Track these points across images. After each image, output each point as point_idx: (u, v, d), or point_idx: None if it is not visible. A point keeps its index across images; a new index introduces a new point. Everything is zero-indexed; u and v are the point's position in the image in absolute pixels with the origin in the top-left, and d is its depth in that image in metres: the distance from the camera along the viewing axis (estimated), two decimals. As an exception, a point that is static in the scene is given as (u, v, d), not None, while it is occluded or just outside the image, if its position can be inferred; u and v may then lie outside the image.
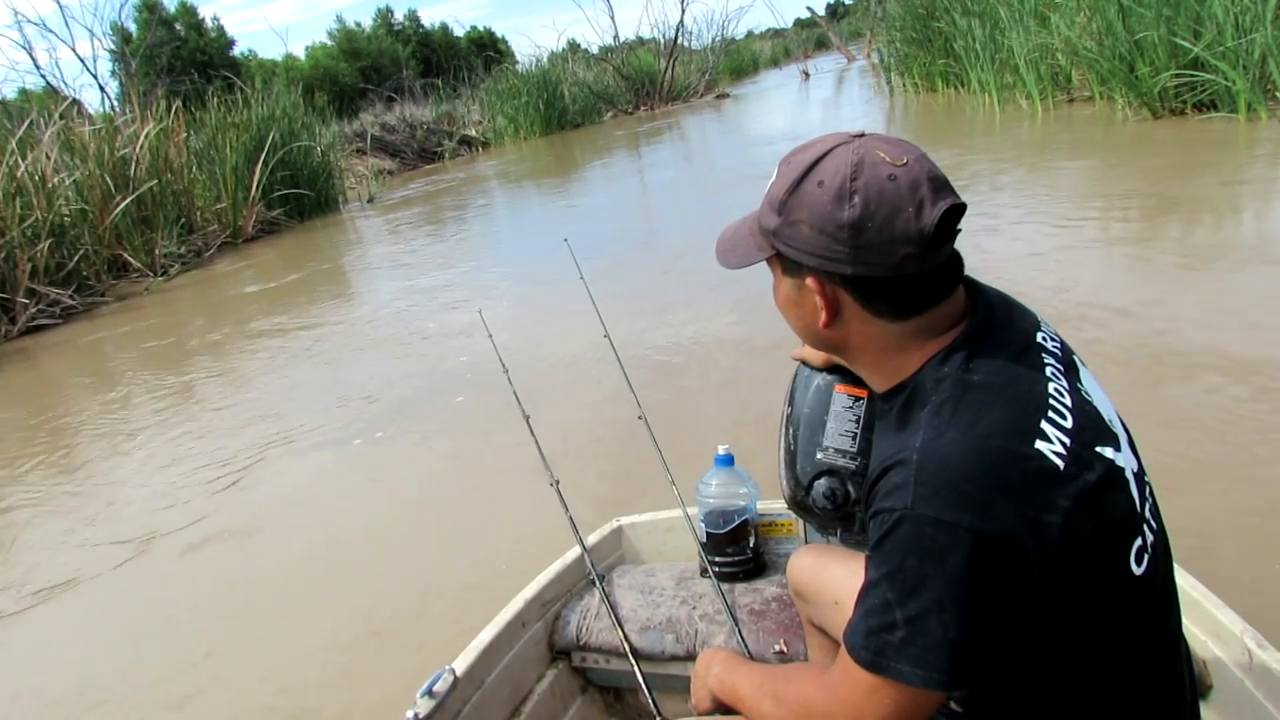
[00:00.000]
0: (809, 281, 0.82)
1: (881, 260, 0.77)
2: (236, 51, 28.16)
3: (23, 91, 16.21)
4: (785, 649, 1.37)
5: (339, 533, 2.76)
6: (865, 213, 0.76)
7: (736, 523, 1.52)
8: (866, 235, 0.76)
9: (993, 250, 4.15)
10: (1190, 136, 5.95)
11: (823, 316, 0.83)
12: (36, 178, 7.50)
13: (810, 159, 0.80)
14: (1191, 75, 6.21)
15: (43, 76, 15.64)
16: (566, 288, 4.71)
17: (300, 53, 30.34)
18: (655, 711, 1.27)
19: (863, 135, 0.81)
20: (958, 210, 0.77)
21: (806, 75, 22.34)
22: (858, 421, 1.24)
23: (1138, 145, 6.15)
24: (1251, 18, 5.77)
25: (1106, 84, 7.33)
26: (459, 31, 36.08)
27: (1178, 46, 6.19)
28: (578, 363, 3.79)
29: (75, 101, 11.98)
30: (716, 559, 1.53)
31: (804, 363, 1.25)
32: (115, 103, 14.10)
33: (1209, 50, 5.93)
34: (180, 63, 22.47)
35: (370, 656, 2.08)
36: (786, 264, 0.84)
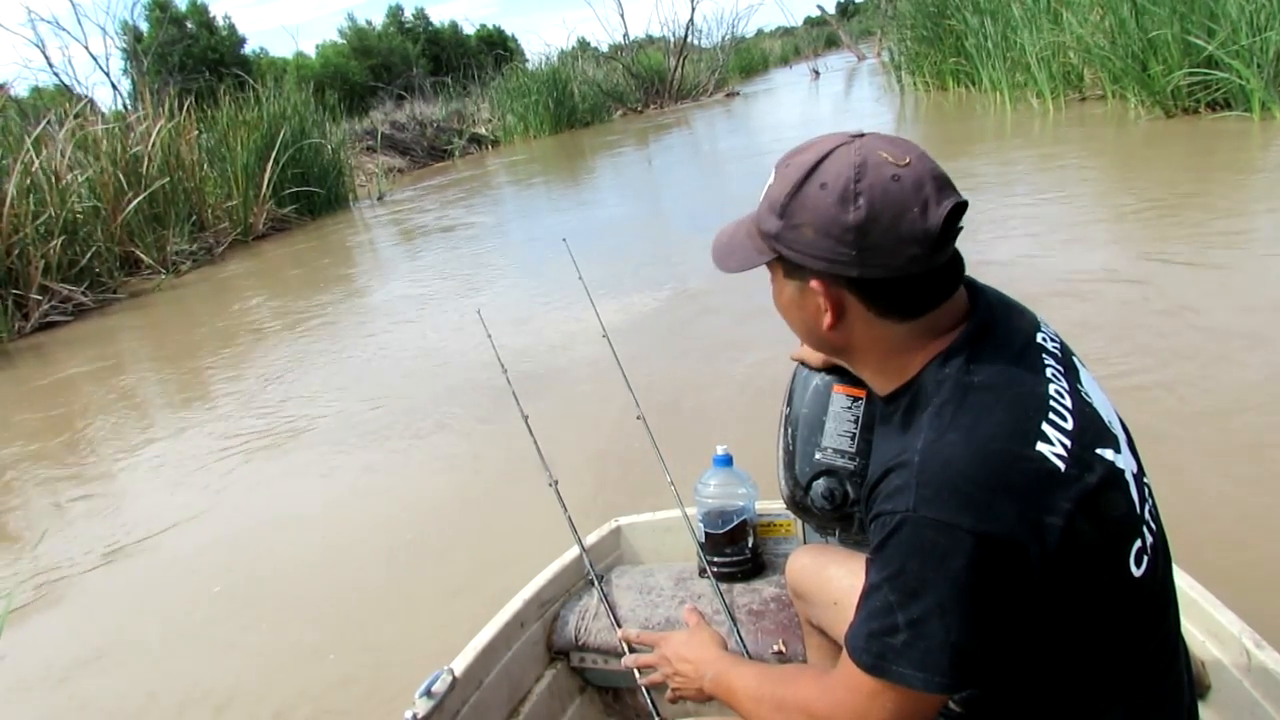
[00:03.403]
0: (813, 284, 0.81)
1: (888, 262, 0.76)
2: (247, 49, 28.29)
3: (35, 89, 16.32)
4: (784, 649, 1.36)
5: (337, 532, 2.77)
6: (871, 214, 0.75)
7: (735, 523, 1.51)
8: (872, 237, 0.75)
9: (1000, 249, 4.13)
10: (1203, 136, 5.90)
11: (827, 319, 0.82)
12: (50, 175, 7.56)
13: (811, 161, 0.78)
14: (1205, 74, 6.15)
15: (55, 74, 15.72)
16: (567, 287, 4.72)
17: (311, 51, 30.47)
18: (654, 712, 1.26)
19: (863, 135, 0.80)
20: (961, 208, 0.77)
21: (816, 74, 22.26)
22: (856, 422, 1.23)
23: (1150, 144, 6.10)
24: (1266, 15, 5.71)
25: (1119, 82, 7.28)
26: (469, 30, 36.18)
27: (1191, 45, 6.14)
28: (577, 362, 3.79)
29: (89, 100, 12.05)
30: (715, 559, 1.53)
31: (803, 363, 1.24)
32: (127, 101, 14.18)
33: (1223, 49, 5.87)
34: (191, 61, 22.60)
35: (368, 656, 2.08)
36: (789, 267, 0.83)
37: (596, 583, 1.51)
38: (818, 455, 1.25)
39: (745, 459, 1.58)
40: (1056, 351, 0.84)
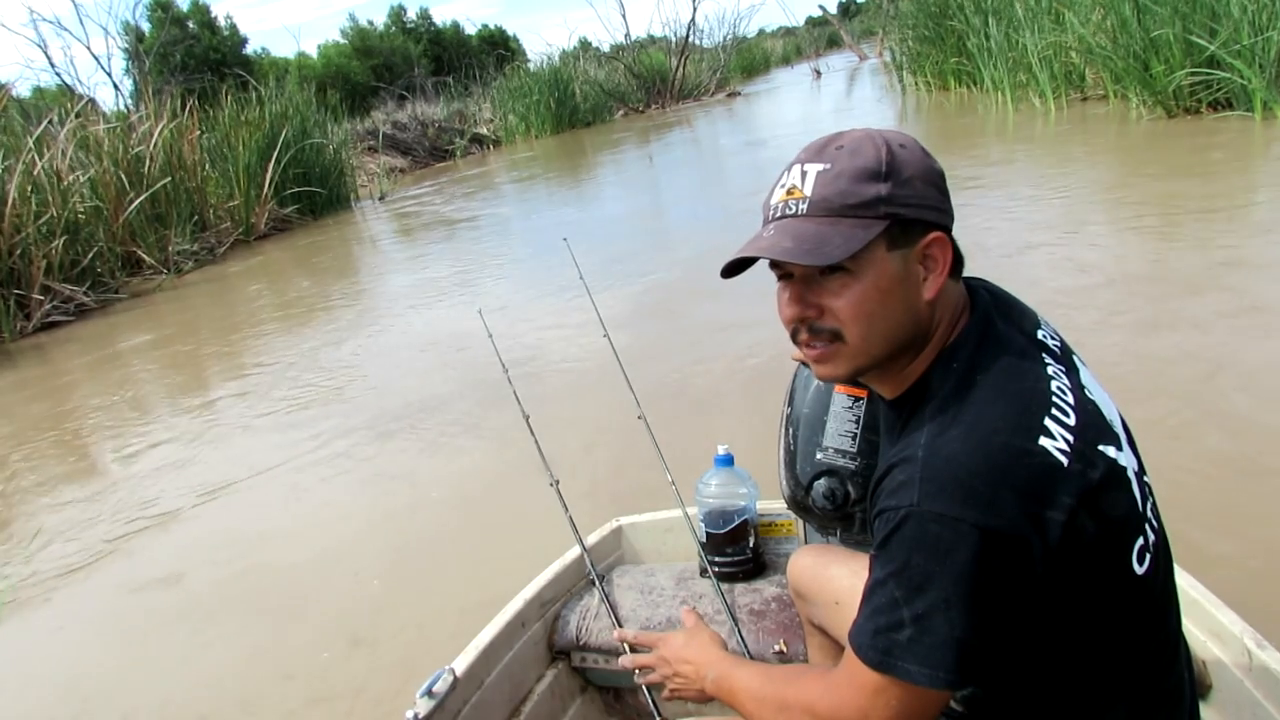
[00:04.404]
0: (933, 238, 0.79)
1: (951, 211, 0.83)
2: (249, 50, 28.23)
3: (37, 89, 16.35)
4: (785, 649, 1.36)
5: (338, 532, 2.77)
6: (940, 166, 0.83)
7: (736, 523, 1.51)
8: (945, 185, 0.83)
9: (1000, 247, 4.13)
10: (1205, 136, 5.89)
11: (936, 282, 0.80)
12: (52, 175, 7.57)
13: (871, 132, 0.82)
14: (1206, 74, 6.15)
15: (57, 74, 15.75)
16: (568, 285, 4.72)
17: (313, 51, 30.40)
18: (655, 712, 1.26)
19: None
20: None
21: (818, 74, 22.24)
22: (857, 422, 1.24)
23: (1151, 144, 6.10)
24: (1268, 15, 5.70)
25: (1120, 82, 7.27)
26: (470, 30, 36.15)
27: (1193, 44, 6.13)
28: (578, 361, 3.79)
29: (91, 100, 12.07)
30: (716, 559, 1.53)
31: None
32: (129, 101, 14.20)
33: (1225, 48, 5.87)
34: (193, 61, 22.60)
35: (370, 656, 2.08)
36: (896, 234, 0.78)
37: (598, 582, 1.51)
38: (819, 455, 1.25)
39: (746, 458, 1.58)
40: (1057, 349, 0.84)
